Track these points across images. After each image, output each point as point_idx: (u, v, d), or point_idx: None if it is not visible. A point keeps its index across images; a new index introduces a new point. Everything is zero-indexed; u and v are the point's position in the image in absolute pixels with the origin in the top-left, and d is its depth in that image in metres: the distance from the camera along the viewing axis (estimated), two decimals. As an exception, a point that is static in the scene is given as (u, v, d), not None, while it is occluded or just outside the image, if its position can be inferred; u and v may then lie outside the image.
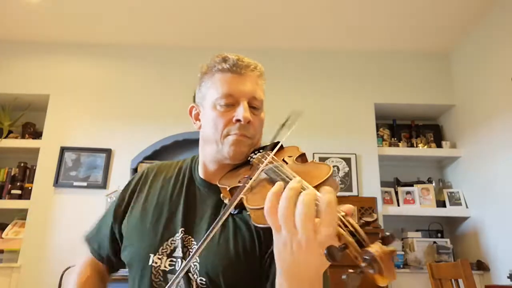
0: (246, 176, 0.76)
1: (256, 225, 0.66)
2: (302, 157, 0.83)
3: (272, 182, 0.70)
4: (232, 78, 0.88)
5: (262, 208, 0.61)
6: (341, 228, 0.52)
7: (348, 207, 0.57)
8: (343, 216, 0.54)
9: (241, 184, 0.75)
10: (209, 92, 0.90)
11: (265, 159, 0.77)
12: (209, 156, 0.92)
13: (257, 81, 0.91)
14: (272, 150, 0.81)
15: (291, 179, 0.64)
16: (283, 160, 0.81)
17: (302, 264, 0.57)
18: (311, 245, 0.54)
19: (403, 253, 2.99)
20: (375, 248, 0.47)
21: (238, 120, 0.85)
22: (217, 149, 0.88)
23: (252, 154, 0.89)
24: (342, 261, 0.49)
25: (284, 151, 0.89)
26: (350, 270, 0.47)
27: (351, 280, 0.46)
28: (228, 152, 0.86)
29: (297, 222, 0.54)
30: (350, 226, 0.52)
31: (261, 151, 0.89)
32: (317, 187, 0.62)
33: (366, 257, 0.47)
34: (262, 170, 0.75)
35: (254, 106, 0.89)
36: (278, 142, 0.85)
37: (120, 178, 3.14)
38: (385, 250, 0.47)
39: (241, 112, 0.85)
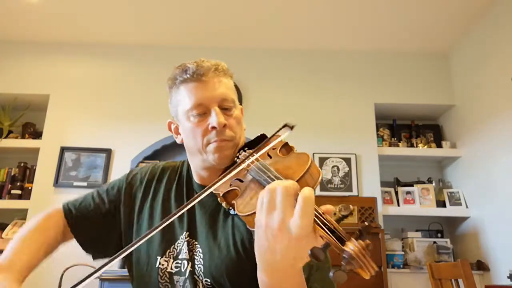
0: (236, 178, 0.78)
1: (251, 229, 0.67)
2: (286, 147, 0.83)
3: (258, 183, 0.72)
4: (196, 87, 0.87)
5: (252, 214, 0.63)
6: (321, 227, 0.54)
7: (327, 207, 0.59)
8: (321, 214, 0.56)
9: (232, 188, 0.77)
10: (179, 105, 0.90)
11: (248, 159, 0.78)
12: (198, 165, 0.94)
13: (222, 81, 0.90)
14: (255, 147, 0.82)
15: (275, 179, 0.67)
16: (268, 154, 0.81)
17: (279, 253, 0.57)
18: (283, 230, 0.55)
19: (403, 253, 2.99)
20: (351, 245, 0.50)
21: (214, 128, 0.85)
22: (202, 158, 0.89)
23: (238, 153, 0.89)
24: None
25: (269, 144, 0.89)
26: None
27: (337, 277, 0.48)
28: (213, 160, 0.87)
29: (276, 205, 0.57)
30: (329, 224, 0.54)
31: (245, 149, 0.89)
32: (300, 179, 0.64)
33: (344, 256, 0.50)
34: (247, 171, 0.76)
35: (226, 108, 0.89)
36: (262, 138, 0.86)
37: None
38: (360, 245, 0.50)
39: (214, 119, 0.84)
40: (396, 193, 3.31)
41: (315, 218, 0.55)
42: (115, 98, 3.39)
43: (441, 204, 3.25)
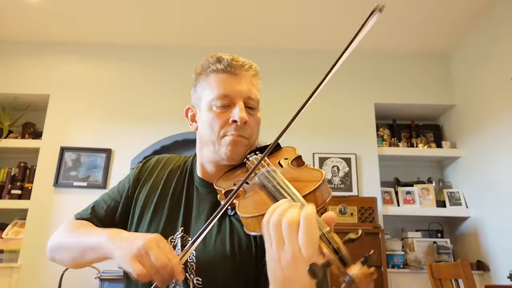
0: (240, 179, 0.77)
1: (248, 232, 0.67)
2: (298, 160, 0.83)
3: (264, 188, 0.71)
4: (227, 78, 0.87)
5: (253, 217, 0.63)
6: (325, 245, 0.53)
7: (329, 216, 0.57)
8: (327, 232, 0.54)
9: (235, 188, 0.75)
10: (204, 93, 0.90)
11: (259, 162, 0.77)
12: (207, 157, 0.92)
13: (252, 80, 0.91)
14: (269, 151, 0.80)
15: (282, 188, 0.65)
16: (279, 162, 0.81)
17: (293, 280, 0.57)
18: (297, 261, 0.54)
19: (403, 253, 2.99)
20: (355, 270, 0.48)
21: (235, 121, 0.85)
22: (214, 150, 0.88)
23: (249, 155, 0.88)
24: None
25: (282, 152, 0.89)
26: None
27: None
28: (225, 153, 0.86)
29: (285, 240, 0.56)
30: (333, 243, 0.53)
31: (257, 152, 0.88)
32: (308, 195, 0.63)
33: (346, 279, 0.48)
34: (255, 174, 0.75)
35: (250, 106, 0.89)
36: (274, 144, 0.84)
37: (120, 178, 3.12)
38: (364, 272, 0.48)
39: (237, 112, 0.84)
40: (396, 193, 3.31)
41: (321, 235, 0.54)
42: (115, 98, 3.39)
43: (441, 204, 3.25)
